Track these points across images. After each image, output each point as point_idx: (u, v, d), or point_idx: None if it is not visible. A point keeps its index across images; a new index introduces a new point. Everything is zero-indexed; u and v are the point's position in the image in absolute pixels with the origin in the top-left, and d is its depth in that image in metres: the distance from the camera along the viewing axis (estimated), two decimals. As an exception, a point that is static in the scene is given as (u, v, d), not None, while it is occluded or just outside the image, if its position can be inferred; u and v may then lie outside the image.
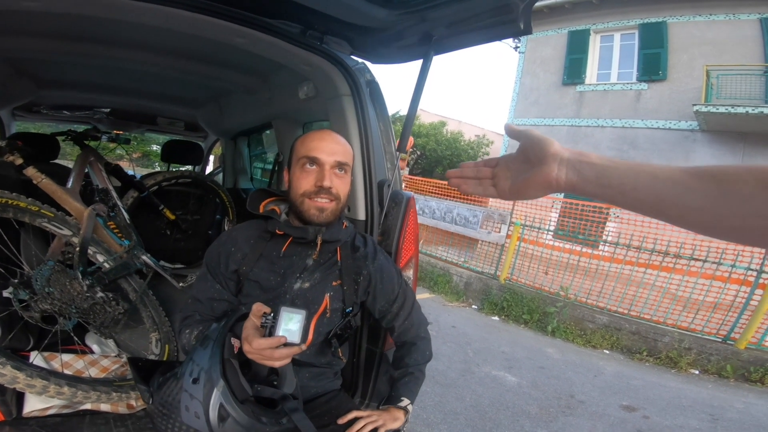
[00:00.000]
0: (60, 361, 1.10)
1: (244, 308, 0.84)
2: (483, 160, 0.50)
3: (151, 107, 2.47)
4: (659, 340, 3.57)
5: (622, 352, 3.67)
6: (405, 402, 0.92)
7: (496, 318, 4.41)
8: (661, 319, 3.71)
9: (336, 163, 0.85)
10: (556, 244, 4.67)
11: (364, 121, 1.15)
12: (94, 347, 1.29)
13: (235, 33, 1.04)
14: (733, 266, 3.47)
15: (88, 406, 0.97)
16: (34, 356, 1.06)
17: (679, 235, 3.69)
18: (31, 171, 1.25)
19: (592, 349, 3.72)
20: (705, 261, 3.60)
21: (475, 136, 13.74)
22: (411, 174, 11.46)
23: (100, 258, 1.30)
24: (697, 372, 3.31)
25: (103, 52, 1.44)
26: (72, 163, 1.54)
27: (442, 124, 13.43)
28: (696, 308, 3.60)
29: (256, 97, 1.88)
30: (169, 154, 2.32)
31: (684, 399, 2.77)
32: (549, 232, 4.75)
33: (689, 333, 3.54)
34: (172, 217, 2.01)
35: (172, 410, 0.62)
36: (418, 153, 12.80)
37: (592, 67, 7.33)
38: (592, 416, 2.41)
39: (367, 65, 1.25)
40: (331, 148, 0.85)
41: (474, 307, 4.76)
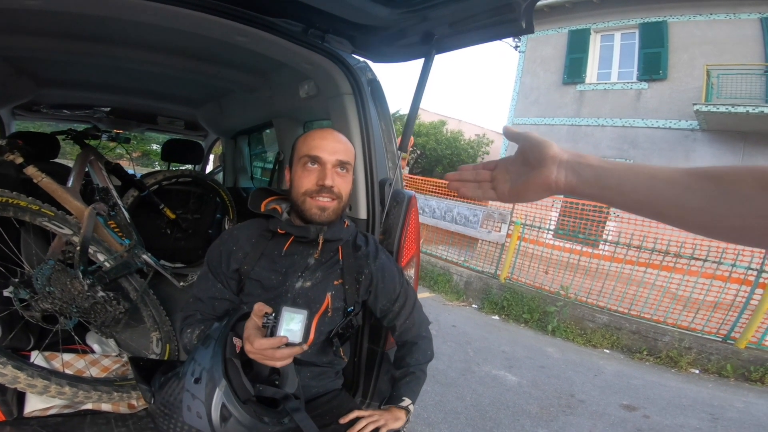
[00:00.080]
0: (61, 361, 1.10)
1: (246, 307, 0.84)
2: (482, 163, 0.50)
3: (151, 106, 2.47)
4: (659, 340, 3.57)
5: (622, 352, 3.67)
6: (406, 402, 0.92)
7: (497, 317, 4.41)
8: (662, 319, 3.72)
9: (338, 162, 0.85)
10: (556, 244, 4.67)
11: (366, 120, 1.15)
12: (95, 347, 1.29)
13: (236, 31, 1.03)
14: (733, 266, 3.47)
15: (89, 406, 0.97)
16: (35, 356, 1.06)
17: (679, 235, 3.69)
18: (31, 170, 1.25)
19: (592, 349, 3.72)
20: (705, 260, 3.60)
21: (475, 135, 13.73)
22: (411, 173, 11.46)
23: (100, 257, 1.30)
24: (698, 371, 3.31)
25: (103, 51, 1.44)
26: (72, 162, 1.53)
27: (442, 124, 13.42)
28: (696, 308, 3.60)
29: (257, 96, 1.88)
30: (170, 153, 2.32)
31: (684, 398, 2.77)
32: (549, 232, 4.75)
33: (689, 332, 3.54)
34: (173, 216, 2.01)
35: (174, 410, 0.62)
36: (418, 152, 12.79)
37: (593, 67, 7.32)
38: (593, 415, 2.41)
39: (369, 64, 1.25)
40: (333, 147, 0.85)
41: (474, 306, 4.76)
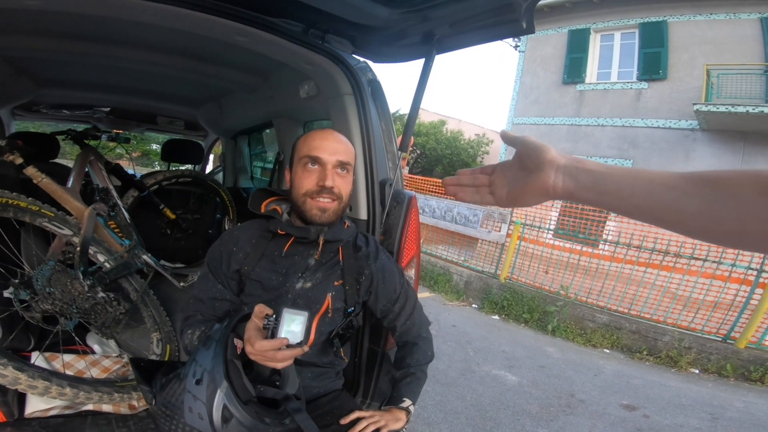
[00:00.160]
0: (61, 362, 1.10)
1: (247, 308, 0.84)
2: (479, 167, 0.50)
3: (151, 106, 2.47)
4: (659, 339, 3.58)
5: (622, 351, 3.67)
6: (407, 402, 0.92)
7: (497, 317, 4.41)
8: (662, 318, 3.72)
9: (338, 163, 0.85)
10: (556, 243, 4.67)
11: (366, 120, 1.14)
12: (95, 347, 1.29)
13: (235, 31, 1.03)
14: (733, 265, 3.48)
15: (90, 407, 0.97)
16: (36, 357, 1.06)
17: (679, 235, 3.69)
18: (31, 170, 1.25)
19: (592, 348, 3.72)
20: (705, 260, 3.60)
21: (475, 135, 13.74)
22: (411, 173, 11.47)
23: (100, 258, 1.30)
24: (697, 371, 3.31)
25: (102, 51, 1.43)
26: (71, 162, 1.53)
27: (442, 123, 13.42)
28: (696, 307, 3.60)
29: (257, 96, 1.88)
30: (169, 153, 2.32)
31: (684, 398, 2.78)
32: (549, 231, 4.75)
33: (689, 332, 3.54)
34: (173, 217, 2.01)
35: (176, 411, 0.62)
36: (418, 152, 12.80)
37: (593, 66, 7.32)
38: (593, 415, 2.42)
39: (369, 64, 1.25)
40: (334, 148, 0.85)
41: (474, 306, 4.76)
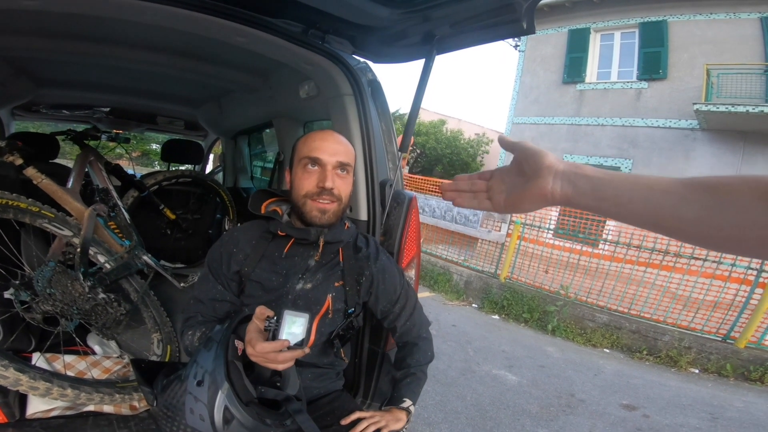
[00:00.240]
0: (62, 362, 1.10)
1: (247, 309, 0.84)
2: (477, 173, 0.50)
3: (150, 106, 2.47)
4: (659, 339, 3.58)
5: (622, 351, 3.67)
6: (407, 403, 0.92)
7: (497, 317, 4.41)
8: (661, 318, 3.72)
9: (338, 164, 0.85)
10: (556, 243, 4.67)
11: (366, 120, 1.14)
12: (96, 348, 1.29)
13: (235, 32, 1.03)
14: (733, 265, 3.48)
15: (92, 408, 0.97)
16: (37, 358, 1.06)
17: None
18: (31, 171, 1.25)
19: (592, 348, 3.72)
20: (705, 260, 3.60)
21: (475, 134, 13.73)
22: (411, 173, 11.47)
23: (101, 258, 1.30)
24: (697, 371, 3.32)
25: (102, 51, 1.43)
26: (71, 162, 1.53)
27: (442, 123, 13.41)
28: (696, 307, 3.60)
29: (257, 96, 1.88)
30: (169, 153, 2.32)
31: (684, 398, 2.78)
32: (549, 231, 4.75)
33: (689, 332, 3.54)
34: (173, 217, 2.01)
35: (177, 412, 0.62)
36: (418, 151, 12.79)
37: (593, 66, 7.31)
38: (593, 415, 2.42)
39: (369, 64, 1.25)
40: (333, 149, 0.85)
41: (474, 305, 4.76)
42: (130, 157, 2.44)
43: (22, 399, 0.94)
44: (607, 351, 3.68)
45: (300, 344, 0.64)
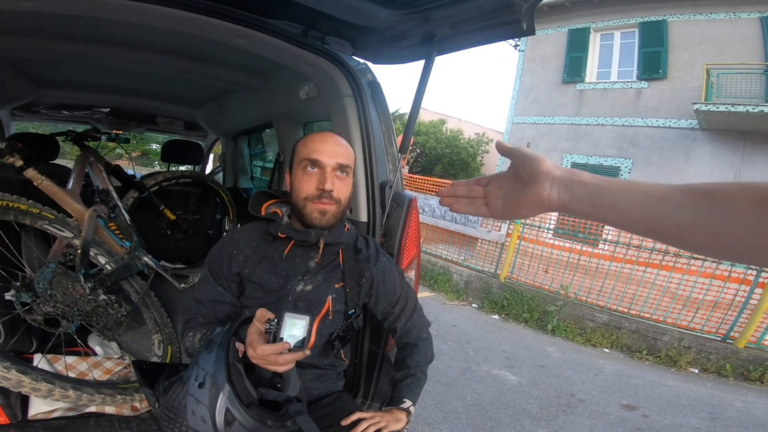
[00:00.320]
0: (64, 364, 1.10)
1: (248, 311, 0.84)
2: (474, 178, 0.50)
3: (150, 107, 2.47)
4: (659, 339, 3.59)
5: (621, 351, 3.68)
6: (407, 403, 0.92)
7: (497, 316, 4.42)
8: (661, 318, 3.73)
9: (337, 166, 0.85)
10: (556, 243, 4.67)
11: (366, 122, 1.14)
12: (97, 349, 1.29)
13: (235, 33, 1.03)
14: (732, 265, 3.48)
15: (93, 409, 0.97)
16: (39, 359, 1.06)
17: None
18: (31, 173, 1.25)
19: (592, 348, 3.73)
20: (705, 260, 3.61)
21: (475, 134, 13.72)
22: (411, 172, 11.47)
23: (101, 260, 1.30)
24: (697, 371, 3.32)
25: (102, 52, 1.44)
26: (71, 163, 1.53)
27: (442, 122, 13.41)
28: (696, 307, 3.61)
29: (257, 97, 1.88)
30: (169, 154, 2.32)
31: (683, 398, 2.78)
32: (549, 231, 4.76)
33: (689, 332, 3.55)
34: (173, 217, 2.01)
35: (179, 414, 0.63)
36: (418, 151, 12.79)
37: (592, 66, 7.31)
38: (592, 415, 2.42)
39: (369, 66, 1.25)
40: (333, 151, 0.85)
41: (474, 305, 4.77)
42: (130, 158, 2.44)
43: (24, 400, 0.94)
44: (607, 351, 3.69)
45: (300, 346, 0.65)
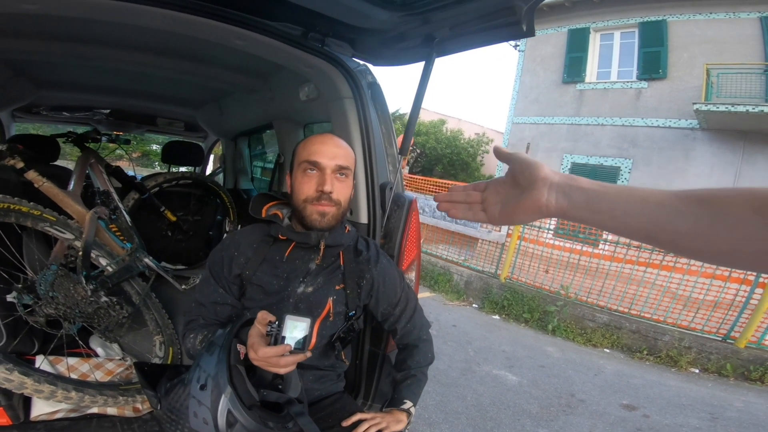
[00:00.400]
0: (66, 365, 1.10)
1: (248, 313, 0.85)
2: (472, 184, 0.49)
3: (150, 108, 2.47)
4: (659, 339, 3.59)
5: (622, 351, 3.68)
6: (408, 404, 0.93)
7: (497, 317, 4.42)
8: (662, 318, 3.73)
9: (337, 167, 0.85)
10: (556, 243, 4.67)
11: (366, 123, 1.15)
12: (99, 350, 1.29)
13: (234, 35, 1.03)
14: (733, 265, 3.48)
15: (95, 410, 0.98)
16: (41, 360, 1.07)
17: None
18: (32, 174, 1.25)
19: (592, 348, 3.73)
20: (705, 259, 3.60)
21: (475, 134, 13.73)
22: (411, 173, 11.47)
23: (102, 261, 1.30)
24: (697, 371, 3.32)
25: (102, 54, 1.44)
26: (71, 164, 1.53)
27: (442, 123, 13.41)
28: (696, 307, 3.61)
29: (257, 98, 1.88)
30: (170, 155, 2.32)
31: (684, 398, 2.78)
32: (549, 231, 4.76)
33: (689, 332, 3.55)
34: (173, 219, 2.02)
35: (181, 416, 0.63)
36: (418, 151, 12.79)
37: (592, 66, 7.31)
38: (593, 415, 2.43)
39: (369, 67, 1.25)
40: (333, 152, 0.85)
41: (474, 305, 4.77)
42: (130, 158, 2.44)
43: (26, 401, 0.94)
44: (608, 351, 3.69)
45: (301, 348, 0.65)
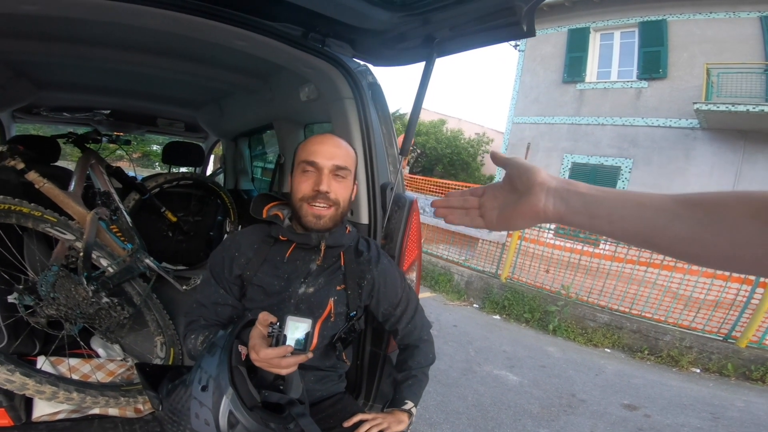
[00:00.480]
0: (67, 366, 1.10)
1: (250, 314, 0.85)
2: (469, 189, 0.49)
3: (151, 109, 2.47)
4: (660, 339, 3.58)
5: (623, 351, 3.68)
6: (409, 405, 0.93)
7: (498, 317, 4.42)
8: (663, 318, 3.72)
9: (334, 167, 0.85)
10: (557, 243, 4.67)
11: (367, 124, 1.15)
12: (100, 351, 1.30)
13: (234, 36, 1.03)
14: (733, 264, 3.47)
15: (97, 411, 0.98)
16: (42, 361, 1.07)
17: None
18: (32, 175, 1.25)
19: (593, 348, 3.73)
20: (706, 259, 3.60)
21: (475, 134, 13.73)
22: (411, 173, 11.48)
23: (103, 262, 1.30)
24: (698, 371, 3.32)
25: (102, 55, 1.44)
26: (71, 164, 1.53)
27: (442, 122, 13.42)
28: (697, 307, 3.60)
29: (257, 99, 1.88)
30: (170, 155, 2.32)
31: (685, 398, 2.78)
32: (550, 231, 4.76)
33: (690, 331, 3.54)
34: (174, 219, 2.02)
35: (182, 417, 0.63)
36: (418, 151, 12.79)
37: (593, 65, 7.31)
38: (594, 415, 2.42)
39: (369, 67, 1.25)
40: (330, 152, 0.85)
41: (475, 306, 4.77)
42: (131, 159, 2.44)
43: (28, 402, 0.94)
44: (608, 351, 3.68)
45: (303, 349, 0.65)
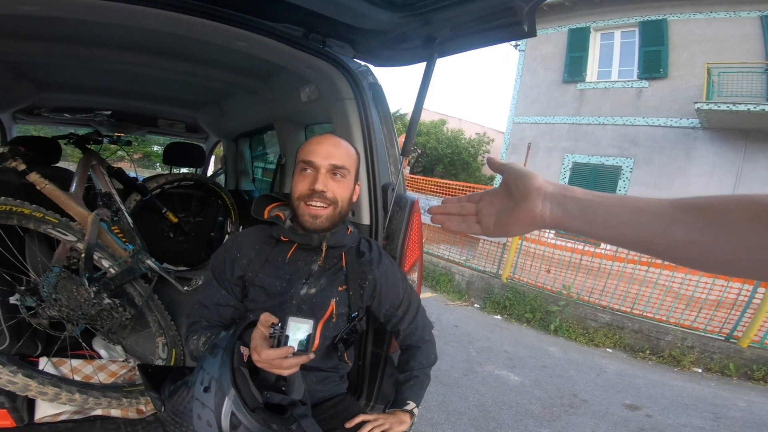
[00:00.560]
0: (69, 367, 1.11)
1: (251, 315, 0.85)
2: (466, 195, 0.49)
3: (151, 109, 2.48)
4: (662, 339, 3.58)
5: (624, 351, 3.67)
6: (411, 405, 0.93)
7: (499, 317, 4.41)
8: (664, 318, 3.72)
9: (331, 167, 0.84)
10: (558, 243, 4.67)
11: (368, 124, 1.15)
12: (102, 352, 1.30)
13: (235, 36, 1.03)
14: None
15: (99, 412, 0.98)
16: (44, 363, 1.07)
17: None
18: (34, 176, 1.25)
19: (594, 348, 3.72)
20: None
21: (476, 134, 13.73)
22: (412, 173, 11.48)
23: (105, 263, 1.30)
24: (700, 370, 3.31)
25: (102, 55, 1.44)
26: (72, 165, 1.53)
27: (443, 122, 13.42)
28: (699, 306, 3.60)
29: (258, 99, 1.88)
30: (171, 156, 2.33)
31: (687, 397, 2.78)
32: (551, 231, 4.75)
33: (692, 331, 3.54)
34: (175, 220, 2.02)
35: (184, 418, 0.63)
36: (419, 151, 12.79)
37: (593, 65, 7.31)
38: (595, 415, 2.42)
39: (370, 68, 1.25)
40: (328, 152, 0.85)
41: (476, 306, 4.76)
42: (132, 160, 2.45)
43: (30, 403, 0.94)
44: (610, 351, 3.68)
45: (304, 349, 0.65)
